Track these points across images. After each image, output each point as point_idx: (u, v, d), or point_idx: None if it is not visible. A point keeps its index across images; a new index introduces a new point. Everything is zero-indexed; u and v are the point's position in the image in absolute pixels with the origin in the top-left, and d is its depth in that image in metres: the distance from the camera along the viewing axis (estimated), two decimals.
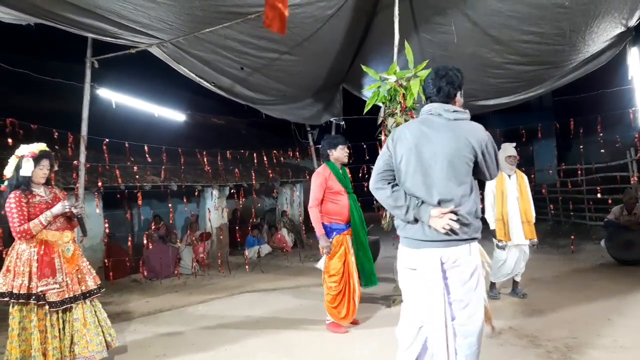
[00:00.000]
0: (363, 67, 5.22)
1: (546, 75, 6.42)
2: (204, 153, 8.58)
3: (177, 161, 8.25)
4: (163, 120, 8.65)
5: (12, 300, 3.36)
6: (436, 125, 2.46)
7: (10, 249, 3.50)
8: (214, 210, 9.51)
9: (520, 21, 5.24)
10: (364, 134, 6.64)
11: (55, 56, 8.76)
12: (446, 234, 2.36)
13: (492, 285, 5.38)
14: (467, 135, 2.40)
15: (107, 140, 6.80)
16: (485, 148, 2.41)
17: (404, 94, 4.71)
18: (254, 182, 9.65)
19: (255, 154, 9.47)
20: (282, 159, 9.97)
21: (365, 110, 5.08)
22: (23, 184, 3.47)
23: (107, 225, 7.64)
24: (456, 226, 2.33)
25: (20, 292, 3.34)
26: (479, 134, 2.43)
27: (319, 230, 4.28)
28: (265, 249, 9.95)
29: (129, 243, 8.07)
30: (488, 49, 5.84)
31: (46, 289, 3.39)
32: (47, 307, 3.41)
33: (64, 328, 3.50)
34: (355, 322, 4.55)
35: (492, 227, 5.25)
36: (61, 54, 8.09)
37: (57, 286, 3.43)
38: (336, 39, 6.00)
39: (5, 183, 3.55)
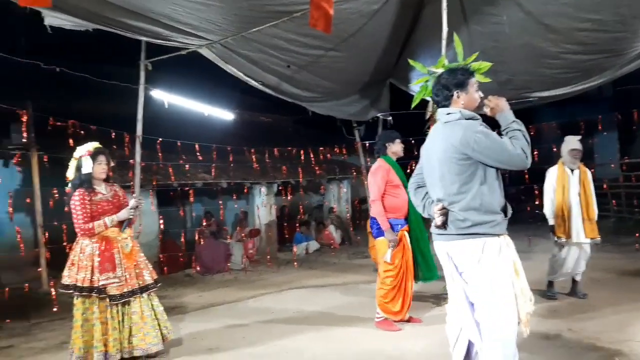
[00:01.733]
0: (410, 61, 5.13)
1: (606, 64, 6.08)
2: (252, 151, 8.76)
3: (226, 159, 8.46)
4: (213, 119, 8.89)
5: (76, 293, 3.57)
6: (436, 130, 2.73)
7: (75, 243, 3.72)
8: (262, 207, 9.69)
9: (577, 9, 4.99)
10: (411, 130, 6.54)
11: (112, 61, 9.18)
12: (438, 227, 2.59)
13: (550, 284, 5.18)
14: (449, 138, 2.55)
15: (160, 139, 7.06)
16: (475, 144, 2.45)
17: None
18: (300, 179, 9.74)
19: (302, 151, 9.57)
20: (328, 155, 10.00)
21: (413, 105, 4.98)
22: (85, 182, 3.68)
23: (161, 221, 7.94)
24: (438, 222, 2.55)
25: (84, 285, 3.55)
26: (459, 134, 2.50)
27: (384, 224, 4.27)
28: (313, 245, 10.02)
29: (182, 239, 8.37)
30: (542, 38, 5.60)
31: (107, 283, 3.58)
32: (107, 300, 3.60)
33: (122, 320, 3.68)
34: (416, 320, 4.52)
35: (550, 222, 5.05)
36: (117, 58, 8.47)
37: (117, 280, 3.61)
38: (382, 34, 5.95)
39: (69, 185, 3.77)
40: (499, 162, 2.47)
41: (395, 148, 4.54)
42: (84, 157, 3.71)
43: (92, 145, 3.80)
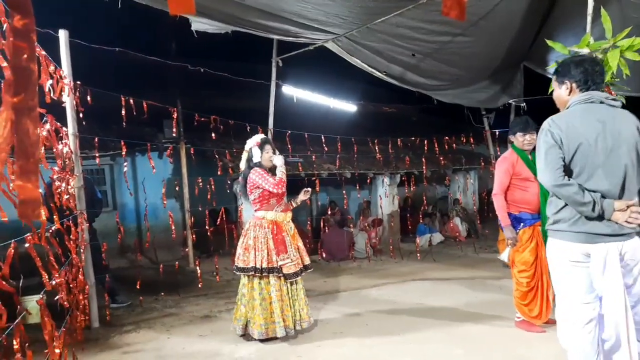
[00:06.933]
0: (548, 42, 4.70)
1: None
2: (376, 141, 8.76)
3: (351, 150, 8.59)
4: (337, 111, 9.11)
5: (257, 274, 3.92)
6: (604, 113, 2.40)
7: (247, 230, 4.10)
8: (385, 198, 9.68)
9: None
10: (548, 116, 6.00)
11: (247, 60, 9.87)
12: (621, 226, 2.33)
13: None
14: (630, 121, 2.40)
15: (289, 132, 7.42)
16: None
17: None
18: (424, 170, 9.52)
19: (426, 141, 9.33)
20: (454, 145, 9.60)
21: (551, 89, 4.57)
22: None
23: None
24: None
25: (263, 267, 3.90)
26: (636, 120, 2.42)
27: (503, 220, 3.96)
28: (437, 237, 9.76)
29: (309, 226, 8.73)
30: None
31: (283, 264, 3.94)
32: (282, 279, 3.95)
33: (292, 297, 4.04)
34: (549, 322, 4.16)
35: None
36: (251, 57, 9.09)
37: (290, 260, 3.97)
38: (517, 14, 5.53)
39: (241, 175, 4.21)
40: None
41: (517, 141, 4.05)
42: (254, 148, 4.10)
43: (259, 136, 4.19)
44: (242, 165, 4.21)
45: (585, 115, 2.43)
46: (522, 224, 3.98)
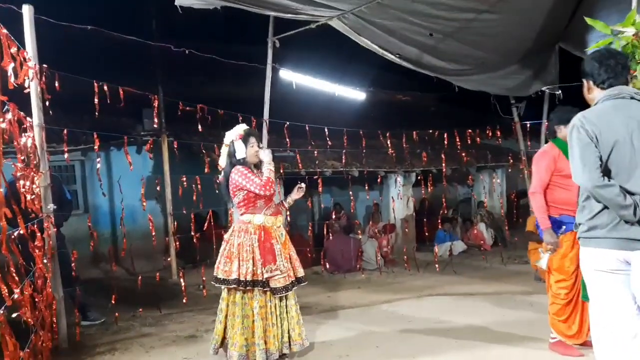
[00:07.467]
0: (587, 19, 4.68)
1: None
2: (387, 135, 8.73)
3: (358, 144, 8.57)
4: (343, 100, 9.09)
5: (240, 288, 3.81)
6: (635, 109, 2.51)
7: (229, 236, 3.98)
8: (398, 200, 9.66)
9: None
10: (587, 106, 5.97)
11: (239, 41, 9.86)
12: None
13: None
14: None
15: (287, 123, 7.40)
16: None
17: None
18: (444, 168, 9.51)
19: (446, 135, 9.29)
20: (478, 139, 9.59)
21: None
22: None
23: (288, 212, 8.35)
24: None
25: (247, 279, 3.78)
26: None
27: (543, 222, 3.92)
28: (459, 246, 9.76)
29: (310, 232, 8.72)
30: None
31: (271, 276, 3.79)
32: (269, 293, 3.83)
33: (280, 314, 3.91)
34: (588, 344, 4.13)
35: None
36: (244, 38, 9.08)
37: (279, 272, 3.82)
38: None
39: (222, 174, 4.09)
40: None
41: (565, 132, 3.85)
42: (236, 142, 3.95)
43: (242, 127, 4.04)
44: (222, 162, 4.07)
45: (618, 111, 2.54)
46: (563, 227, 3.93)
